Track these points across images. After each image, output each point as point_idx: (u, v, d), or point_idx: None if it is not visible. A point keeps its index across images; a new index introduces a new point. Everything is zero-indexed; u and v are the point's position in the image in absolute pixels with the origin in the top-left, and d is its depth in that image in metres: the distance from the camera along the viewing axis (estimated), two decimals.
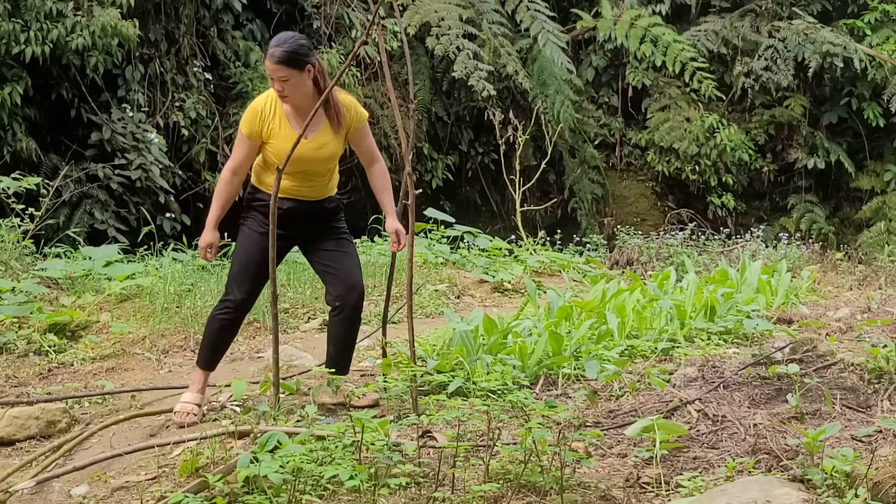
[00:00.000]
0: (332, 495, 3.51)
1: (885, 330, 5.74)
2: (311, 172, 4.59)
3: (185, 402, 4.58)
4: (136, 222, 10.20)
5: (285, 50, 4.36)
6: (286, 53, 4.36)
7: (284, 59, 4.36)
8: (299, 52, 4.39)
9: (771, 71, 14.06)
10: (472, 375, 4.80)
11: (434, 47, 12.54)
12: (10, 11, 9.64)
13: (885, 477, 3.13)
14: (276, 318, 4.46)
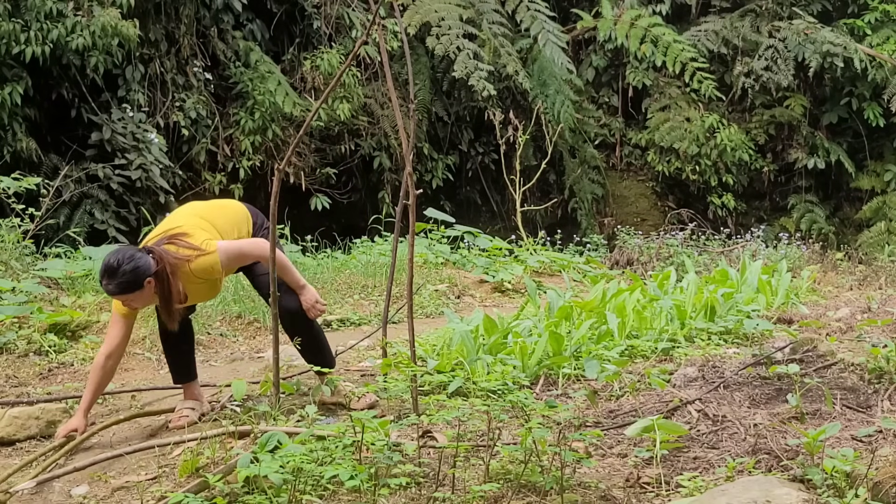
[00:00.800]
0: (332, 495, 3.51)
1: (885, 330, 5.74)
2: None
3: (180, 408, 4.61)
4: (136, 222, 10.20)
5: (118, 283, 4.18)
6: (119, 286, 4.19)
7: (120, 290, 4.21)
8: (131, 279, 4.19)
9: (771, 71, 14.07)
10: (472, 375, 4.80)
11: (434, 47, 12.54)
12: (10, 11, 9.64)
13: (885, 477, 3.13)
14: (276, 318, 4.46)
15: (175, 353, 4.71)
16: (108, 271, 4.18)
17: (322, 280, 7.83)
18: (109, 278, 4.18)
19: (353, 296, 7.66)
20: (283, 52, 12.56)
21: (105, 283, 4.20)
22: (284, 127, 11.87)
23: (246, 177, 11.67)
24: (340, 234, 10.42)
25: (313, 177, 12.37)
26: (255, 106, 11.61)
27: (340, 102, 11.95)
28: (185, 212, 4.74)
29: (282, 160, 6.40)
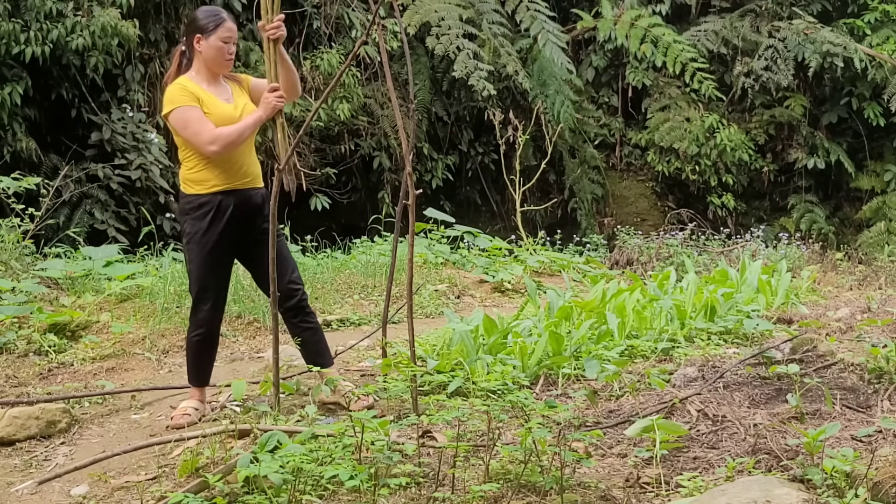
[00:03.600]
0: (332, 495, 3.51)
1: (885, 330, 5.74)
2: (245, 146, 4.55)
3: (183, 406, 4.60)
4: (136, 222, 10.20)
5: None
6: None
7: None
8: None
9: (771, 71, 14.07)
10: (472, 375, 4.80)
11: (434, 47, 12.55)
12: (10, 11, 9.64)
13: (885, 477, 3.13)
14: (276, 318, 4.46)
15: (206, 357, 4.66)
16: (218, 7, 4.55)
17: (322, 280, 7.83)
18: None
19: (352, 296, 7.66)
20: None
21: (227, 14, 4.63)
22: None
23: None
24: (340, 234, 10.42)
25: (313, 177, 12.37)
26: None
27: (340, 102, 11.95)
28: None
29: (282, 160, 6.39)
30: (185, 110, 4.40)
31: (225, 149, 4.43)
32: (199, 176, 4.47)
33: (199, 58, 4.55)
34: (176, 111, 4.41)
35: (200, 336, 4.60)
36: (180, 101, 4.41)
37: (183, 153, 4.55)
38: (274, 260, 4.38)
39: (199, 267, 4.50)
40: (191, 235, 4.49)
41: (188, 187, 4.52)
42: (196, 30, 4.53)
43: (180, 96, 4.42)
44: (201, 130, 4.38)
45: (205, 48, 4.53)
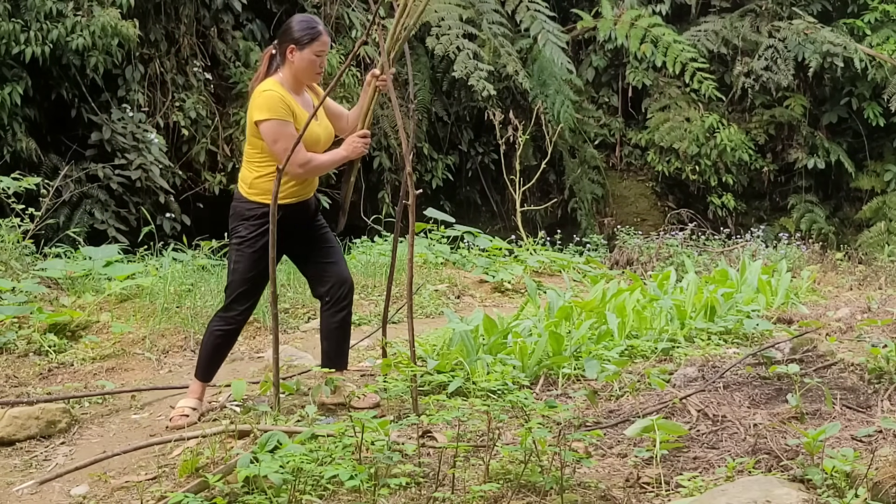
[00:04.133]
0: (332, 495, 3.51)
1: (885, 330, 5.74)
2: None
3: (181, 406, 4.60)
4: (136, 222, 10.20)
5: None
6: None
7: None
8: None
9: (771, 71, 14.07)
10: (472, 375, 4.80)
11: (434, 47, 12.54)
12: (10, 11, 9.64)
13: (885, 477, 3.13)
14: (276, 318, 4.46)
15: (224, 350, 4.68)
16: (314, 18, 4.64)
17: None
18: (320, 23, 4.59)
19: None
20: None
21: (322, 27, 4.55)
22: None
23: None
24: (340, 234, 10.41)
25: None
26: None
27: (340, 102, 11.94)
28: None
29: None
30: (281, 125, 4.41)
31: (309, 174, 4.56)
32: (271, 187, 4.45)
33: (290, 67, 4.52)
34: (272, 122, 4.41)
35: (225, 332, 4.61)
36: (277, 114, 4.41)
37: (259, 159, 4.53)
38: (274, 259, 4.39)
39: (245, 271, 4.52)
40: (244, 240, 4.52)
41: (255, 194, 4.53)
42: (290, 40, 4.50)
43: (278, 107, 4.41)
44: (295, 150, 4.41)
45: (297, 59, 4.49)
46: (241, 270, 4.54)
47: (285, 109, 4.43)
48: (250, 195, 4.55)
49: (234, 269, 4.57)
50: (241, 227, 4.56)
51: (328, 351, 4.72)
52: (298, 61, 4.49)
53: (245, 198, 4.57)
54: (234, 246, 4.58)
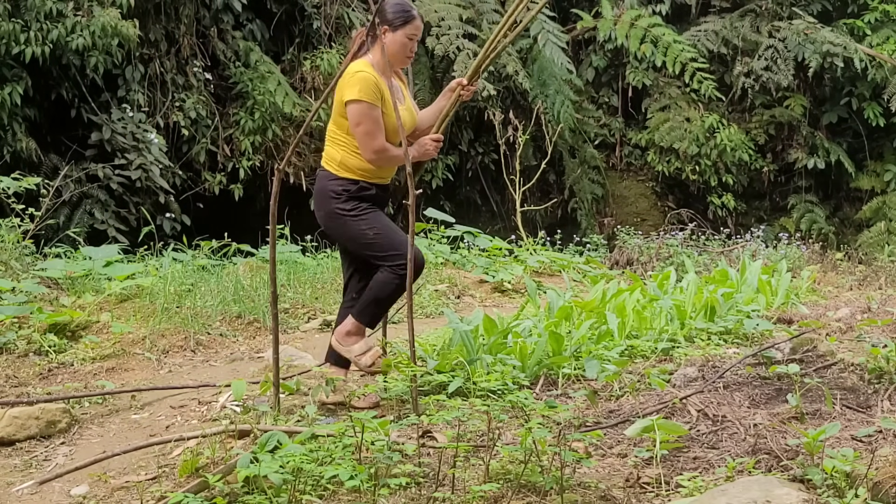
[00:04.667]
0: (332, 495, 3.51)
1: (885, 330, 5.74)
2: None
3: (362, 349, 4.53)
4: (136, 222, 10.20)
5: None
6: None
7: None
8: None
9: (771, 71, 14.07)
10: (472, 375, 4.80)
11: (434, 47, 12.55)
12: (10, 11, 9.65)
13: (885, 477, 3.13)
14: (276, 318, 4.46)
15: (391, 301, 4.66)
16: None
17: (322, 280, 7.83)
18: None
19: None
20: (283, 52, 12.56)
21: (413, 9, 4.54)
22: (284, 127, 11.87)
23: (246, 177, 11.68)
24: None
25: (313, 177, 12.36)
26: (255, 106, 11.61)
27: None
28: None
29: (282, 160, 6.40)
30: (370, 108, 4.41)
31: (380, 162, 4.52)
32: (364, 165, 4.48)
33: (381, 49, 4.50)
34: (362, 104, 4.40)
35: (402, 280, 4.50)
36: (368, 96, 4.39)
37: (344, 139, 4.52)
38: (274, 259, 4.39)
39: (386, 225, 4.53)
40: (357, 211, 4.50)
41: (343, 170, 4.51)
42: (384, 21, 4.50)
43: (370, 90, 4.40)
44: (374, 136, 4.42)
45: (389, 41, 4.49)
46: (381, 228, 4.50)
47: (376, 93, 4.42)
48: (340, 172, 4.52)
49: (377, 238, 4.49)
50: (337, 203, 4.51)
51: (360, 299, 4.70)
52: (391, 43, 4.49)
53: (335, 175, 4.53)
54: (346, 220, 4.51)
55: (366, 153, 4.46)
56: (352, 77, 4.43)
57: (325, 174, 4.59)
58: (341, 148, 4.54)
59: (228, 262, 8.31)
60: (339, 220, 4.54)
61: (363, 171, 4.53)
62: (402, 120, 4.49)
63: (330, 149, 4.60)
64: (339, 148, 4.55)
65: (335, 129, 4.58)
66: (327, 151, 4.62)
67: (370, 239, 4.53)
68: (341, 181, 4.53)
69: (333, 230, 4.62)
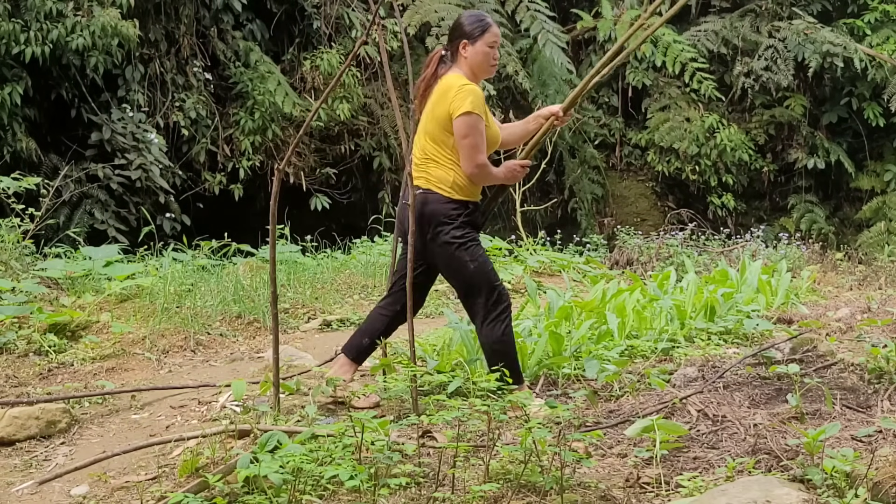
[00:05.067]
0: (332, 495, 3.51)
1: (885, 330, 5.74)
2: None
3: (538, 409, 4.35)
4: (136, 222, 10.20)
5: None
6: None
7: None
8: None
9: (771, 71, 14.07)
10: (472, 375, 4.80)
11: (434, 47, 12.54)
12: (10, 11, 9.65)
13: (885, 477, 3.13)
14: (276, 318, 4.46)
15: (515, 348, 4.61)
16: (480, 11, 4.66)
17: (322, 280, 7.83)
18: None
19: (353, 296, 7.66)
20: (283, 52, 12.57)
21: (489, 18, 4.51)
22: (284, 127, 11.87)
23: (246, 177, 11.68)
24: (340, 234, 10.42)
25: (313, 177, 12.37)
26: (255, 106, 11.61)
27: (340, 102, 11.95)
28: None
29: (282, 160, 6.40)
30: (478, 121, 4.37)
31: (478, 178, 4.48)
32: (467, 183, 4.46)
33: (465, 63, 4.46)
34: (472, 117, 4.35)
35: (510, 325, 4.50)
36: (478, 109, 4.35)
37: (454, 157, 4.45)
38: (274, 259, 4.39)
39: (486, 262, 4.47)
40: (466, 240, 4.43)
41: (456, 192, 4.45)
42: (461, 35, 4.46)
43: (479, 103, 4.36)
44: (480, 149, 4.38)
45: (471, 54, 4.45)
46: (481, 269, 4.44)
47: (484, 106, 4.40)
48: (454, 194, 4.45)
49: (476, 272, 4.43)
50: (450, 228, 4.43)
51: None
52: (472, 55, 4.44)
53: (449, 198, 4.44)
54: (455, 249, 4.43)
55: (468, 166, 4.39)
56: (460, 90, 4.36)
57: (436, 197, 4.45)
58: (451, 168, 4.44)
59: (228, 262, 8.31)
60: (448, 247, 4.43)
61: (469, 190, 4.47)
62: (497, 135, 4.49)
63: (437, 171, 4.46)
64: (448, 168, 4.44)
65: (438, 149, 4.46)
66: (433, 173, 4.47)
67: (469, 271, 4.44)
68: (455, 204, 4.44)
69: (437, 256, 4.49)
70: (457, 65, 4.48)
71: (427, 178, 4.48)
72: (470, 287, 4.48)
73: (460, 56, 4.47)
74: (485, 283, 4.45)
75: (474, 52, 4.45)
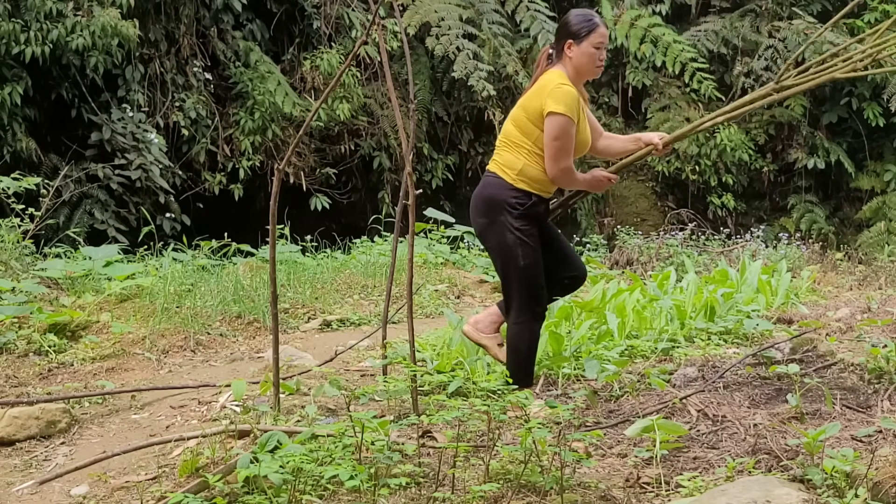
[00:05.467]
0: (332, 495, 3.51)
1: (885, 330, 5.74)
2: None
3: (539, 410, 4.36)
4: (136, 222, 10.21)
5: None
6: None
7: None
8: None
9: (771, 71, 14.07)
10: (472, 375, 4.80)
11: (434, 47, 12.55)
12: (10, 11, 9.65)
13: (885, 477, 3.13)
14: (276, 318, 4.46)
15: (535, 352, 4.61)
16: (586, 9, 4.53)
17: (322, 280, 7.83)
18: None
19: (353, 296, 7.66)
20: (282, 52, 12.57)
21: (598, 17, 4.43)
22: (284, 127, 11.87)
23: (246, 177, 11.68)
24: (340, 234, 10.43)
25: (313, 177, 12.38)
26: (255, 106, 11.62)
27: (340, 102, 11.96)
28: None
29: (282, 160, 6.40)
30: (570, 123, 4.30)
31: (560, 181, 4.42)
32: (542, 177, 4.39)
33: (569, 63, 4.40)
34: (564, 119, 4.28)
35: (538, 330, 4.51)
36: (571, 112, 4.29)
37: (530, 147, 4.39)
38: (274, 259, 4.39)
39: (536, 264, 4.39)
40: (523, 234, 4.37)
41: (521, 181, 4.38)
42: (568, 35, 4.39)
43: (573, 106, 4.30)
44: (567, 153, 4.33)
45: (576, 54, 4.38)
46: (529, 271, 4.38)
47: (577, 110, 4.34)
48: (517, 182, 4.38)
49: (523, 271, 4.38)
50: (510, 217, 4.36)
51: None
52: (578, 55, 4.38)
53: (512, 185, 4.38)
54: (512, 239, 4.37)
55: (552, 168, 4.34)
56: (557, 88, 4.31)
57: (499, 182, 4.40)
58: (524, 157, 4.39)
59: (228, 262, 8.31)
60: (504, 235, 4.38)
61: (539, 184, 4.39)
62: (586, 139, 4.45)
63: (508, 155, 4.42)
64: (521, 156, 4.40)
65: (520, 136, 4.41)
66: (504, 157, 4.43)
67: (516, 268, 4.40)
68: (518, 193, 4.38)
69: (492, 241, 4.44)
70: (561, 63, 4.42)
71: (497, 162, 4.47)
72: (511, 282, 4.45)
73: (565, 55, 4.40)
74: (526, 285, 4.41)
75: (579, 52, 4.37)
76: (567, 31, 4.41)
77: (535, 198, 4.39)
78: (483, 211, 4.43)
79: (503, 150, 4.46)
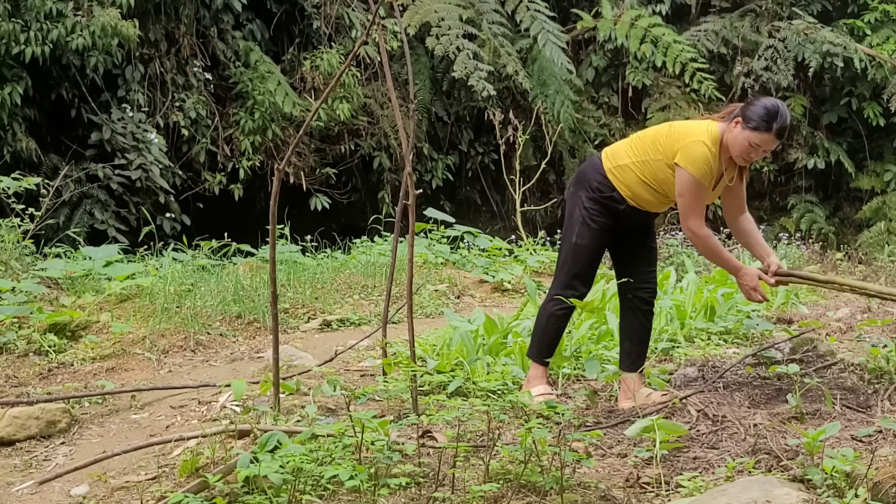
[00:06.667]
0: (332, 495, 3.51)
1: (885, 330, 5.74)
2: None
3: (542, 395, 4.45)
4: (136, 222, 10.21)
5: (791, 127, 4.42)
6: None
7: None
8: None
9: (771, 71, 14.06)
10: (472, 375, 4.80)
11: (434, 47, 12.54)
12: (10, 11, 9.65)
13: (885, 477, 3.13)
14: (276, 318, 4.46)
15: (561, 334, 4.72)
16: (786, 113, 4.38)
17: (322, 280, 7.83)
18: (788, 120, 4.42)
19: (353, 296, 7.66)
20: (282, 52, 12.57)
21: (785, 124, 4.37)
22: (284, 127, 11.87)
23: (246, 177, 11.68)
24: (340, 234, 10.42)
25: (313, 177, 12.38)
26: (255, 106, 11.61)
27: (340, 102, 11.95)
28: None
29: (282, 160, 6.40)
30: (697, 184, 4.37)
31: (693, 243, 4.62)
32: (635, 186, 4.46)
33: (728, 133, 4.41)
34: (690, 177, 4.36)
35: (566, 311, 4.59)
36: (699, 173, 4.35)
37: (643, 159, 4.45)
38: (274, 259, 4.39)
39: (590, 251, 4.49)
40: (591, 215, 4.46)
41: (617, 180, 4.47)
42: (743, 114, 4.38)
43: (703, 168, 4.35)
44: (693, 212, 4.42)
45: (736, 133, 4.38)
46: (581, 252, 4.50)
47: (708, 173, 4.38)
48: (611, 173, 4.48)
49: (575, 248, 4.51)
50: (586, 194, 4.49)
51: (630, 351, 4.68)
52: (736, 135, 4.37)
53: (604, 171, 4.49)
54: (580, 219, 4.49)
55: (682, 224, 4.48)
56: (694, 144, 4.35)
57: (596, 165, 4.54)
58: (632, 159, 4.46)
59: (228, 262, 8.31)
60: (574, 208, 4.52)
61: (629, 189, 4.46)
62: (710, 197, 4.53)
63: (625, 149, 4.52)
64: (631, 156, 4.47)
65: (646, 146, 4.48)
66: (620, 148, 4.55)
67: (571, 243, 4.51)
68: (605, 181, 4.47)
69: (567, 210, 4.61)
70: (728, 126, 4.43)
71: (613, 148, 4.60)
72: (561, 253, 4.60)
73: (730, 125, 4.41)
74: (571, 263, 4.52)
75: (740, 135, 4.37)
76: (745, 111, 4.40)
77: (618, 195, 4.46)
78: (573, 181, 4.66)
79: (627, 143, 4.56)
